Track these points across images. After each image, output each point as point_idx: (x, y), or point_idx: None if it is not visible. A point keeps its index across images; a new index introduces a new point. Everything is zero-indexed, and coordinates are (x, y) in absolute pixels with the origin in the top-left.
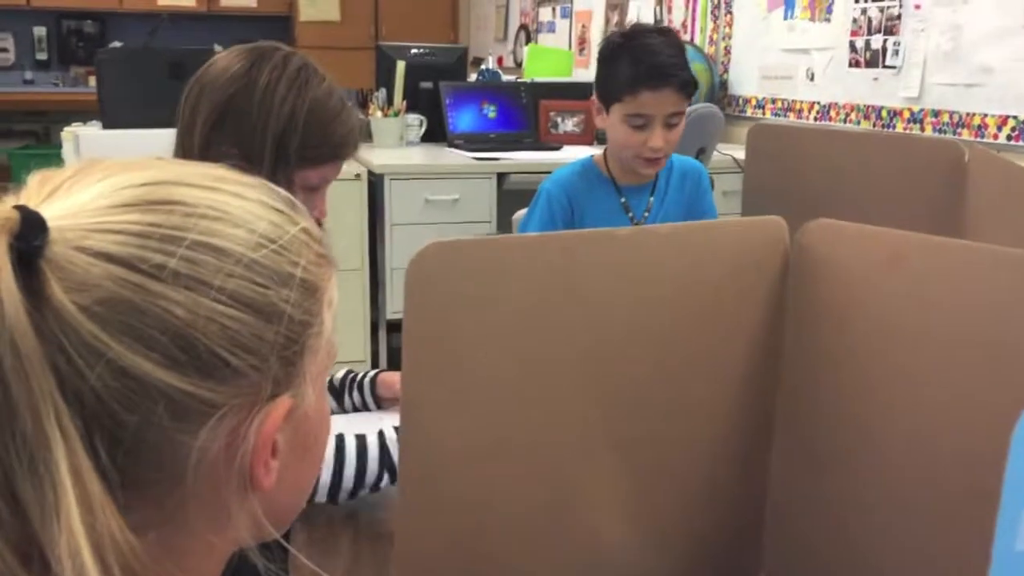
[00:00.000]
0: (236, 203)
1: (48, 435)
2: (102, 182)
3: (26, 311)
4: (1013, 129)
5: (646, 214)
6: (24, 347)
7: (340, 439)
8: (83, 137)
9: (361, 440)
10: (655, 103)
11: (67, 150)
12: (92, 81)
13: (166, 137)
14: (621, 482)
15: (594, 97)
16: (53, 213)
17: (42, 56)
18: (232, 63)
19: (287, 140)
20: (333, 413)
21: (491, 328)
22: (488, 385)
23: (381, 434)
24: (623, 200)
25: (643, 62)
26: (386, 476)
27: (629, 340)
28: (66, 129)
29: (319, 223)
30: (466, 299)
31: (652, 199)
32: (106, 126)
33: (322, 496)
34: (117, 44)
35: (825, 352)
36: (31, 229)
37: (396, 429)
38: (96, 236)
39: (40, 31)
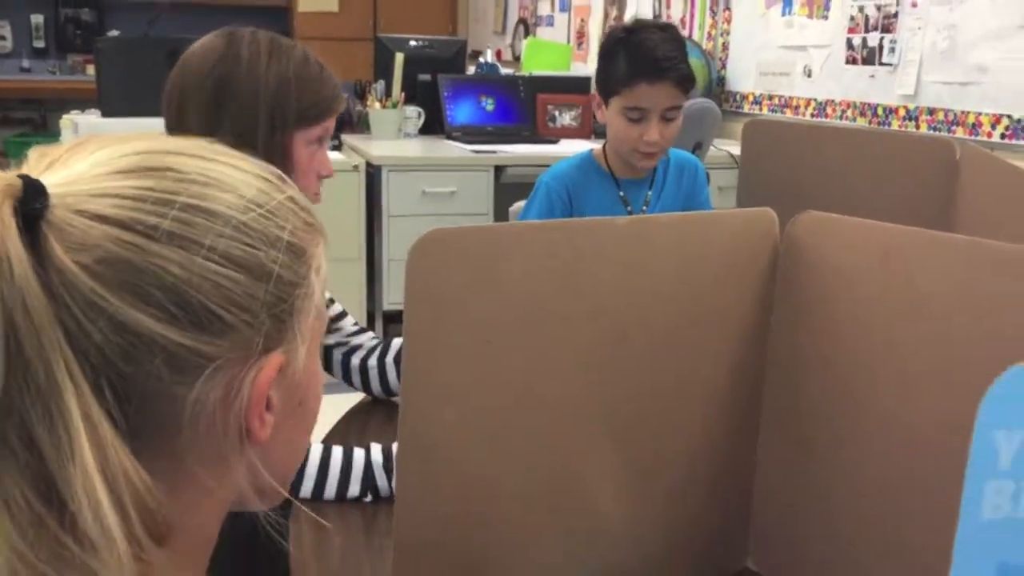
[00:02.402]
0: (227, 171)
1: (59, 383)
2: (98, 152)
3: (33, 269)
4: (1007, 128)
5: (644, 207)
6: (33, 303)
7: (327, 451)
8: (82, 125)
9: (347, 456)
10: (652, 97)
11: (66, 138)
12: (89, 69)
13: (162, 125)
14: (617, 469)
15: (594, 91)
16: (53, 181)
17: (39, 44)
18: (209, 49)
19: (283, 104)
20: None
21: (490, 315)
22: (487, 372)
23: (368, 451)
24: (621, 193)
25: (641, 56)
26: (369, 495)
27: (625, 328)
28: (65, 117)
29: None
30: (466, 286)
31: (650, 193)
32: (105, 114)
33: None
34: (115, 33)
35: (813, 344)
36: (33, 195)
37: (383, 450)
38: (94, 200)
39: (38, 19)
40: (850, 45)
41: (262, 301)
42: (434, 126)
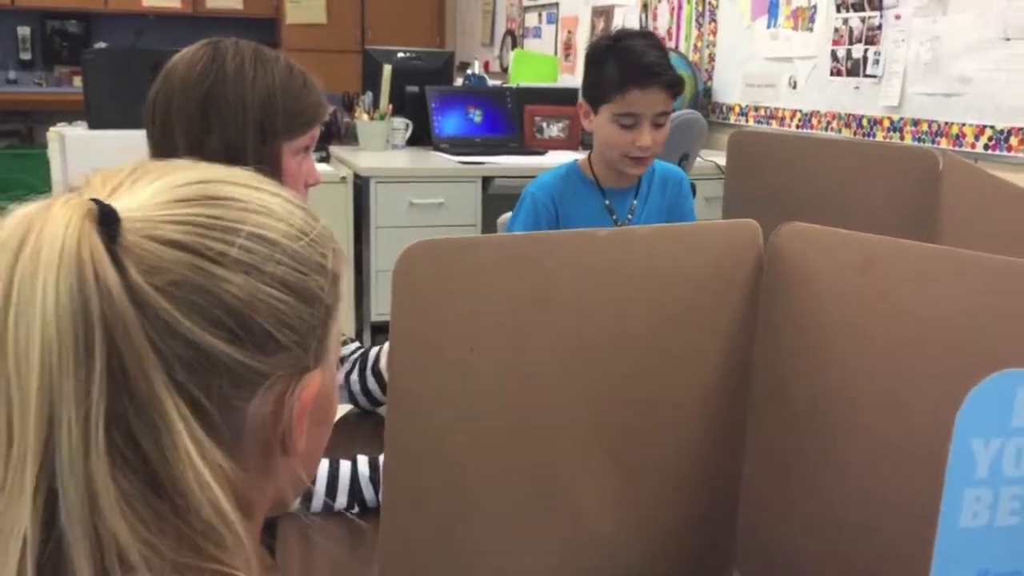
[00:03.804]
0: (275, 200)
1: (159, 393)
2: (158, 181)
3: (126, 292)
4: (990, 139)
5: (629, 216)
6: (131, 323)
7: None
8: (69, 137)
9: (333, 468)
10: (644, 102)
11: (53, 150)
12: (76, 81)
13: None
14: (603, 478)
15: (581, 100)
16: (122, 206)
17: (26, 56)
18: (193, 61)
19: (271, 114)
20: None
21: (477, 325)
22: (472, 381)
23: (354, 463)
24: (607, 202)
25: (631, 62)
26: (356, 507)
27: (609, 338)
28: (52, 129)
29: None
30: (452, 296)
31: (635, 202)
32: (92, 126)
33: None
34: (102, 44)
35: (796, 354)
36: (108, 219)
37: (369, 462)
38: (164, 226)
39: (24, 31)
40: (835, 57)
41: (309, 323)
42: (422, 137)
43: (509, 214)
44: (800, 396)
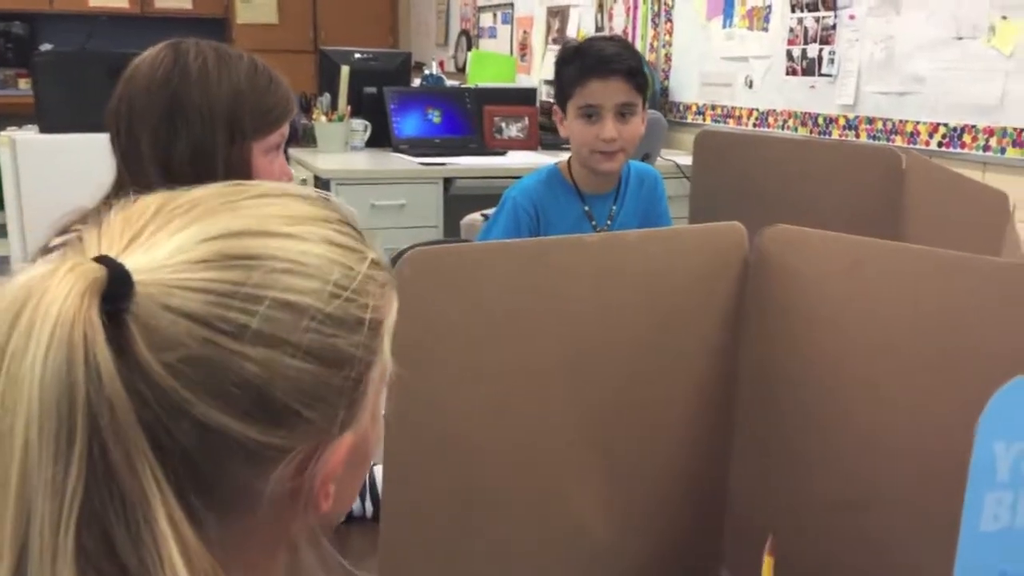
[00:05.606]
0: (309, 248)
1: (146, 490)
2: (183, 232)
3: (117, 371)
4: (944, 136)
5: (608, 222)
6: (120, 408)
7: None
8: (20, 141)
9: None
10: (603, 93)
11: (4, 155)
12: (21, 84)
13: (105, 141)
14: (594, 479)
15: (554, 106)
16: (136, 265)
17: None
18: (155, 64)
19: (239, 114)
20: None
21: (468, 332)
22: (465, 385)
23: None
24: (586, 208)
25: (591, 56)
26: (370, 507)
27: (600, 343)
28: (2, 134)
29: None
30: (444, 303)
31: (615, 207)
32: (43, 130)
33: None
34: (48, 46)
35: (783, 355)
36: (119, 287)
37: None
38: (179, 293)
39: None
40: (790, 56)
41: (339, 388)
42: (380, 139)
43: (474, 215)
44: (787, 397)
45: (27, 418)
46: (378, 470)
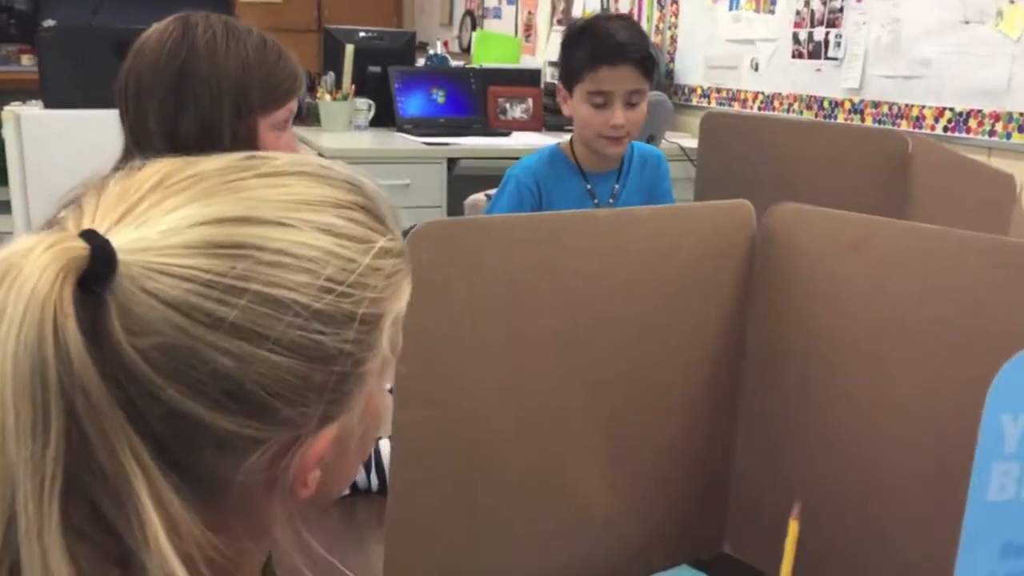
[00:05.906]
0: (307, 240)
1: (125, 467)
2: (177, 212)
3: (88, 352)
4: (949, 121)
5: (611, 200)
6: (93, 391)
7: None
8: (25, 117)
9: None
10: (614, 80)
11: (8, 130)
12: (25, 59)
13: (110, 117)
14: (599, 456)
15: (559, 85)
16: (123, 242)
17: None
18: (163, 38)
19: (247, 88)
20: None
21: (477, 305)
22: (474, 360)
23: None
24: (589, 187)
25: (602, 40)
26: (348, 489)
27: (607, 319)
28: (6, 109)
29: None
30: (454, 277)
31: (617, 185)
32: (48, 105)
33: None
34: (51, 22)
35: (790, 331)
36: (101, 264)
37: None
38: (160, 278)
39: None
40: (796, 39)
41: (321, 385)
42: (384, 118)
43: (478, 195)
44: (794, 374)
45: (1, 397)
46: (384, 444)
